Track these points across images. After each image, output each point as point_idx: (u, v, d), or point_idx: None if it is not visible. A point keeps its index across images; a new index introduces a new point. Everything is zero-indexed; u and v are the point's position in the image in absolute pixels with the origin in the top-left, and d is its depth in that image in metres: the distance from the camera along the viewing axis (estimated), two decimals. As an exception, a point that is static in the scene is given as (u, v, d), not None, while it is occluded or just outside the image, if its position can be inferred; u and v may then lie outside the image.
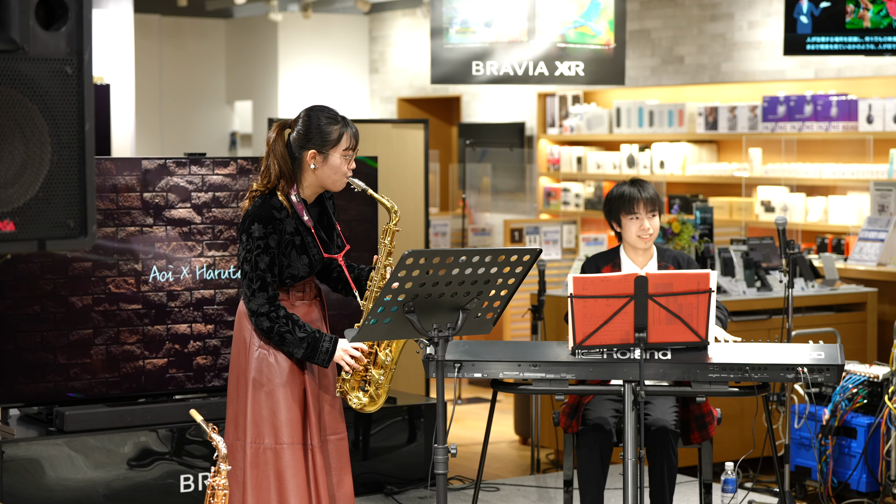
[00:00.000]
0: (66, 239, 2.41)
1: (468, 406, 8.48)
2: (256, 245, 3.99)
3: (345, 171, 4.09)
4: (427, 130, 7.00)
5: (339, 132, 4.07)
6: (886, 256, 7.50)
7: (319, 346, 4.03)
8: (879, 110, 8.27)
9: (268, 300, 4.01)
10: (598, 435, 4.66)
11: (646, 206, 4.78)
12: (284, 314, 4.02)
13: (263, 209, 4.02)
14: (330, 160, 4.06)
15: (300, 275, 4.08)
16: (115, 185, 5.55)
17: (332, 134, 4.06)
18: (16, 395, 5.42)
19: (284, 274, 4.05)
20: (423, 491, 6.08)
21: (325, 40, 13.58)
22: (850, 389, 5.85)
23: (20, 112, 2.34)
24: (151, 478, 5.52)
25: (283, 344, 4.03)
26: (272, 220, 4.00)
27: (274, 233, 4.00)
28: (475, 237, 10.70)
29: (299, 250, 4.06)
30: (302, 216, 4.07)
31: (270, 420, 4.06)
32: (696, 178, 9.59)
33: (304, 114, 4.10)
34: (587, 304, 4.18)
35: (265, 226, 3.99)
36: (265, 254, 3.99)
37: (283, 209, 4.03)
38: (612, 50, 7.50)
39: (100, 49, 9.49)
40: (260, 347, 4.08)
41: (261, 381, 4.07)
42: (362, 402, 4.15)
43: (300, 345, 4.01)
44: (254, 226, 4.00)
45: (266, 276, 4.00)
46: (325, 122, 4.06)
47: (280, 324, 4.00)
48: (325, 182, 4.09)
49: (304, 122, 4.08)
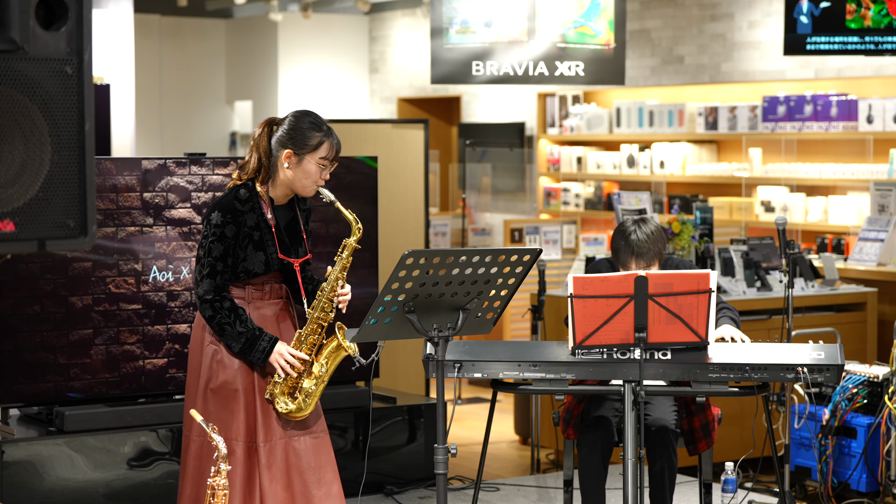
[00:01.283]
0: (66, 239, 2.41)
1: (468, 406, 8.48)
2: (213, 232, 4.03)
3: (316, 179, 4.10)
4: (427, 130, 7.00)
5: (320, 140, 4.08)
6: (886, 256, 7.50)
7: (257, 345, 4.04)
8: (879, 110, 8.27)
9: (214, 288, 4.03)
10: (599, 435, 4.66)
11: (637, 263, 4.69)
12: (230, 306, 4.04)
13: (227, 199, 4.06)
14: (304, 164, 4.08)
15: (254, 271, 4.08)
16: (115, 185, 5.55)
17: (313, 139, 4.08)
18: (16, 395, 5.42)
19: (239, 267, 4.06)
20: (423, 491, 6.08)
21: (325, 40, 13.58)
22: (850, 389, 5.85)
23: (20, 112, 2.33)
24: (151, 478, 5.52)
25: (223, 335, 4.05)
26: (233, 210, 4.04)
27: (232, 223, 4.03)
28: (475, 237, 10.70)
29: (256, 246, 4.07)
30: (265, 213, 4.09)
31: (218, 415, 4.08)
32: (696, 178, 9.59)
33: (292, 115, 4.13)
34: (587, 304, 4.18)
35: (224, 215, 4.03)
36: (220, 242, 4.03)
37: (247, 202, 4.06)
38: (612, 50, 7.50)
39: (100, 49, 9.49)
40: (212, 344, 4.11)
41: (210, 376, 4.11)
42: (289, 408, 4.11)
43: (238, 339, 4.04)
44: (213, 213, 4.05)
45: (216, 265, 4.03)
46: (308, 126, 4.09)
47: (222, 315, 4.03)
48: (295, 185, 4.10)
49: (290, 122, 4.11)
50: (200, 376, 4.14)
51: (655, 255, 4.69)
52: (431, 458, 3.77)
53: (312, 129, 4.08)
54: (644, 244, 4.66)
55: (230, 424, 4.09)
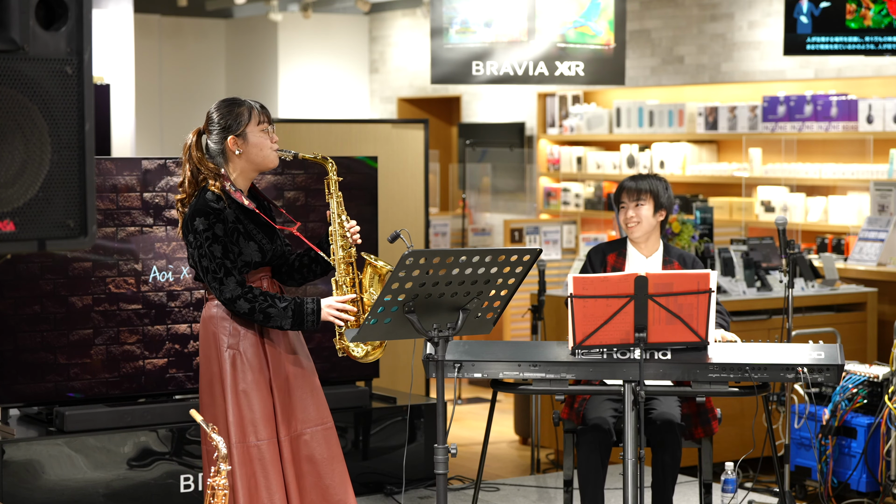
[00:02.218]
0: (66, 239, 2.41)
1: (468, 406, 8.48)
2: (205, 238, 4.00)
3: (269, 145, 4.11)
4: (427, 130, 7.00)
5: (247, 111, 4.11)
6: (886, 256, 7.50)
7: (304, 310, 4.03)
8: (879, 110, 8.27)
9: (238, 284, 4.01)
10: (598, 435, 4.66)
11: (629, 196, 4.90)
12: (260, 292, 4.03)
13: (200, 204, 4.03)
14: (250, 139, 4.09)
15: (254, 260, 4.07)
16: (115, 185, 5.55)
17: (242, 115, 4.10)
18: (16, 395, 5.42)
19: (239, 262, 4.05)
20: (423, 491, 6.08)
21: (325, 40, 13.58)
22: (850, 389, 5.85)
23: (20, 112, 2.33)
24: (151, 478, 5.52)
25: (269, 320, 4.02)
26: (211, 210, 4.01)
27: (218, 222, 4.01)
28: (475, 237, 10.70)
29: (245, 236, 4.06)
30: (242, 202, 4.08)
31: (250, 418, 4.08)
32: (696, 178, 9.59)
33: (211, 110, 4.14)
34: (587, 304, 4.18)
35: (206, 218, 4.00)
36: (216, 242, 4.00)
37: (219, 200, 4.04)
38: (612, 50, 7.50)
39: (100, 49, 9.49)
40: (230, 348, 4.08)
41: (236, 381, 4.08)
42: (365, 350, 4.15)
43: (285, 315, 4.01)
44: (196, 221, 4.01)
45: (226, 263, 4.01)
46: (229, 107, 4.11)
47: (259, 302, 4.00)
48: (256, 160, 4.10)
49: (214, 116, 4.12)
50: (224, 383, 4.08)
51: (648, 189, 4.89)
52: (431, 458, 3.77)
53: (235, 106, 4.11)
54: (638, 179, 4.92)
55: (260, 425, 4.09)
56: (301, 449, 4.15)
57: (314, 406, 4.19)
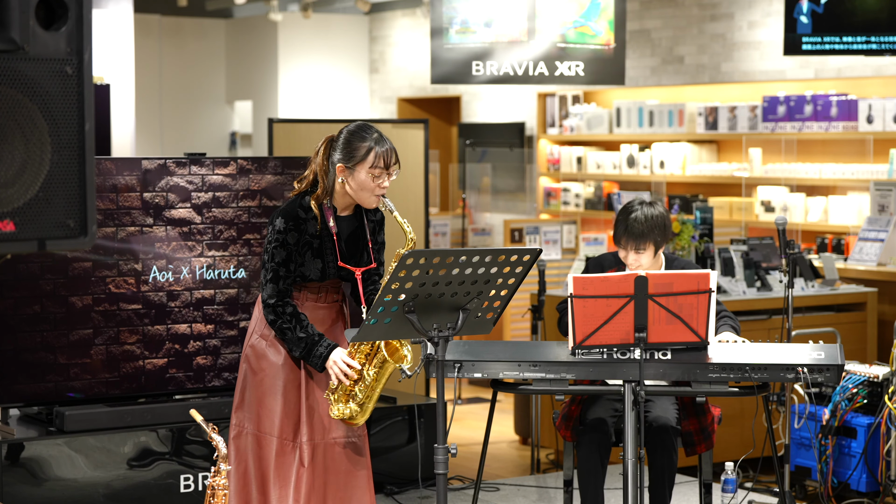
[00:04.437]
0: (66, 239, 2.41)
1: (468, 406, 8.48)
2: (276, 238, 4.12)
3: (372, 188, 4.14)
4: (427, 130, 7.00)
5: (367, 149, 4.13)
6: (886, 256, 7.50)
7: (315, 350, 4.11)
8: (879, 110, 8.27)
9: (277, 293, 4.12)
10: (597, 435, 4.66)
11: (628, 244, 4.69)
12: (292, 311, 4.12)
13: (291, 206, 4.16)
14: (356, 175, 4.13)
15: (310, 276, 4.16)
16: (115, 185, 5.55)
17: (360, 150, 4.13)
18: (16, 395, 5.42)
19: (296, 273, 4.14)
20: (423, 491, 6.08)
21: (325, 40, 13.58)
22: (850, 389, 5.85)
23: (20, 112, 2.33)
24: (151, 478, 5.52)
25: (283, 340, 4.14)
26: (296, 217, 4.13)
27: (294, 230, 4.12)
28: (475, 237, 10.70)
29: (315, 253, 4.15)
30: (328, 221, 4.16)
31: (256, 408, 4.18)
32: (696, 178, 9.59)
33: (344, 128, 4.20)
34: (587, 304, 4.18)
35: (287, 221, 4.12)
36: (282, 248, 4.12)
37: (310, 211, 4.15)
38: (612, 50, 7.50)
39: (100, 49, 9.49)
40: (260, 336, 4.21)
41: (253, 368, 4.21)
42: (343, 414, 4.16)
43: (298, 344, 4.12)
44: (278, 220, 4.14)
45: (279, 270, 4.12)
46: (357, 138, 4.15)
47: (284, 319, 4.11)
48: (354, 196, 4.17)
49: (342, 136, 4.18)
50: (244, 366, 4.24)
51: (650, 239, 4.65)
52: (431, 458, 3.77)
53: (360, 140, 4.14)
54: (640, 225, 4.63)
55: (262, 418, 4.17)
56: (327, 458, 4.19)
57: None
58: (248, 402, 4.21)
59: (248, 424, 4.20)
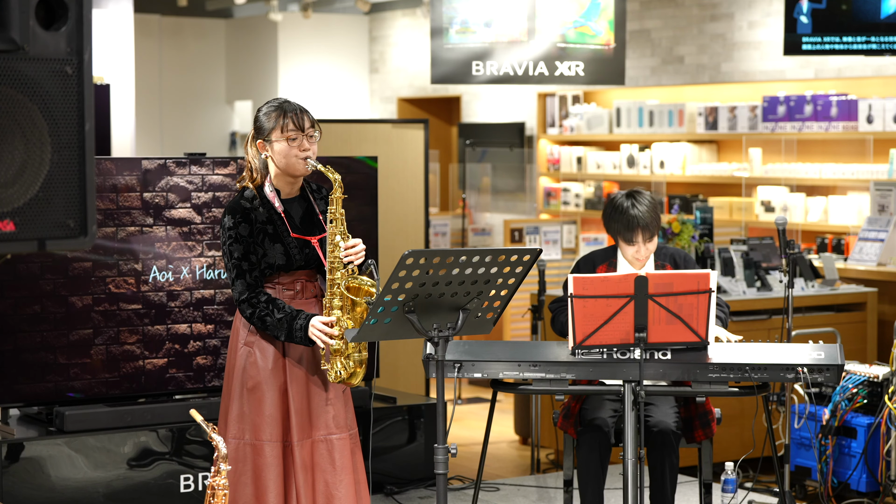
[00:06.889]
0: (66, 239, 2.41)
1: (468, 406, 8.48)
2: (229, 236, 4.10)
3: (295, 153, 4.11)
4: (427, 130, 7.00)
5: (275, 117, 4.13)
6: (886, 256, 7.49)
7: (294, 326, 4.03)
8: (879, 110, 8.27)
9: (247, 287, 4.07)
10: (597, 435, 4.66)
11: (645, 233, 4.72)
12: (266, 298, 4.07)
13: (234, 202, 4.15)
14: (274, 147, 4.12)
15: (277, 263, 4.10)
16: (115, 185, 5.55)
17: (268, 121, 4.14)
18: (16, 395, 5.42)
19: (262, 264, 4.10)
20: (423, 491, 6.08)
21: (325, 40, 13.58)
22: (850, 389, 5.85)
23: (20, 112, 2.33)
24: (151, 478, 5.52)
25: (266, 328, 4.06)
26: (242, 209, 4.11)
27: (244, 222, 4.09)
28: (475, 237, 10.70)
29: (272, 238, 4.11)
30: (273, 203, 4.13)
31: (252, 417, 4.13)
32: (696, 178, 9.59)
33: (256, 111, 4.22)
34: (587, 304, 4.18)
35: (234, 216, 4.10)
36: (237, 242, 4.08)
37: (254, 199, 4.13)
38: (612, 50, 7.50)
39: (100, 49, 9.49)
40: (245, 345, 4.14)
41: (245, 378, 4.14)
42: (347, 371, 4.11)
43: (280, 326, 4.04)
44: (225, 218, 4.12)
45: (241, 265, 4.08)
46: (264, 112, 4.17)
47: (260, 308, 4.05)
48: (282, 167, 4.14)
49: (254, 118, 4.22)
50: (234, 378, 4.17)
51: (657, 226, 4.76)
52: (431, 458, 3.77)
53: (267, 112, 4.15)
54: (648, 216, 4.71)
55: (261, 426, 4.12)
56: (315, 455, 4.16)
57: (336, 413, 4.19)
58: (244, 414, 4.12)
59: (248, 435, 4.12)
